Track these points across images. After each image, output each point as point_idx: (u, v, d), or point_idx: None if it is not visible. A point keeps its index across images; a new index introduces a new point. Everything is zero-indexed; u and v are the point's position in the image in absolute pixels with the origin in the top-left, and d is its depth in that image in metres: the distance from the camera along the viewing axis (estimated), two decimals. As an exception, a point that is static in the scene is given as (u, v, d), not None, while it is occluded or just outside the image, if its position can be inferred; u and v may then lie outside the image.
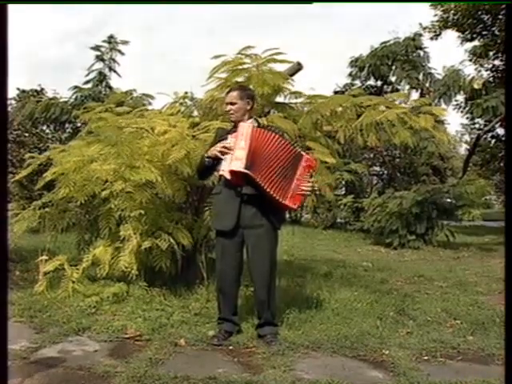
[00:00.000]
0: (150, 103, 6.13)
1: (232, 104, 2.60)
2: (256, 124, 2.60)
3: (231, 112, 2.61)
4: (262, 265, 2.52)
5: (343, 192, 12.01)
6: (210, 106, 3.69)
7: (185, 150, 3.00)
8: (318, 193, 3.69)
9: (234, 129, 2.55)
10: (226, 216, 2.49)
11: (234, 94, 2.62)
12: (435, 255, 7.35)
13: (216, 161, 2.53)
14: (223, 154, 2.47)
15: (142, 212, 3.17)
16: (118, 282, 3.32)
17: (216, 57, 3.71)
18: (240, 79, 3.60)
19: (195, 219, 3.68)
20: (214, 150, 2.50)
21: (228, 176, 2.41)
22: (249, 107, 2.63)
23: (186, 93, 4.21)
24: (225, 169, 2.43)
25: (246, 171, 2.36)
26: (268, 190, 2.37)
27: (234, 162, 2.37)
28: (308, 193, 2.46)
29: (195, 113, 4.07)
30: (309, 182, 2.48)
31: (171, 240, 3.20)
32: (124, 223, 3.28)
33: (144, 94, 5.86)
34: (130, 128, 3.31)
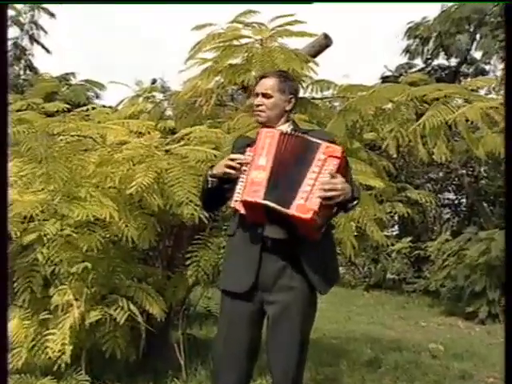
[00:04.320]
0: (97, 96, 6.29)
1: (265, 96, 2.64)
2: (290, 130, 2.63)
3: (261, 109, 2.65)
4: (287, 353, 2.51)
5: (396, 232, 12.06)
6: (193, 103, 3.85)
7: (154, 172, 3.12)
8: (356, 234, 3.78)
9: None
10: (239, 270, 2.53)
11: (272, 81, 2.66)
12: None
13: (227, 183, 2.58)
14: (235, 170, 2.49)
15: (89, 265, 3.26)
16: (44, 375, 3.37)
17: (199, 27, 3.90)
18: (235, 60, 3.81)
19: (169, 275, 3.79)
20: (223, 166, 2.55)
21: (241, 209, 2.46)
22: (289, 107, 2.68)
23: (155, 81, 4.37)
24: (238, 198, 2.46)
25: (266, 202, 2.38)
26: (267, 203, 2.36)
27: (248, 188, 2.42)
28: (328, 194, 2.35)
29: (169, 112, 4.22)
30: (330, 181, 2.37)
31: (132, 307, 3.28)
32: (57, 283, 3.37)
33: (89, 82, 6.00)
34: (68, 136, 3.44)
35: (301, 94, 3.95)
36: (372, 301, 10.05)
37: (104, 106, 4.83)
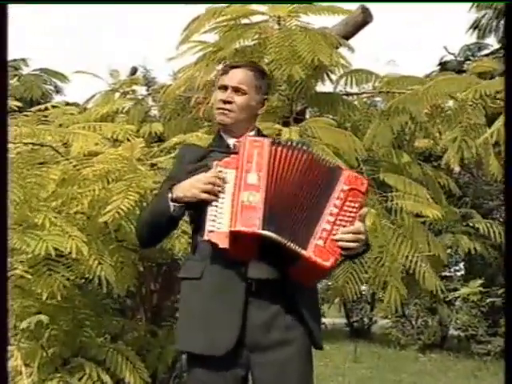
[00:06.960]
0: (58, 91, 6.36)
1: (237, 92, 2.66)
2: (267, 138, 2.65)
3: (230, 108, 2.66)
4: None
5: (461, 272, 11.99)
6: (187, 99, 3.90)
7: (136, 194, 3.13)
8: (404, 273, 3.75)
9: (219, 147, 2.66)
10: (214, 325, 2.50)
11: (247, 74, 2.69)
12: None
13: (194, 209, 2.59)
14: (211, 195, 2.47)
15: (45, 319, 3.25)
16: None
17: (195, 0, 3.93)
18: (244, 44, 3.84)
19: (154, 331, 3.80)
20: (194, 188, 2.52)
21: (223, 244, 2.45)
22: (261, 111, 2.75)
23: (135, 71, 4.38)
24: (214, 228, 2.48)
25: (266, 233, 2.41)
26: (283, 241, 2.38)
27: (240, 214, 2.43)
28: (351, 244, 2.42)
29: (155, 112, 4.27)
30: (353, 219, 2.45)
31: (103, 376, 3.28)
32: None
33: (46, 71, 6.03)
34: (20, 145, 3.47)
35: (330, 89, 4.00)
36: (429, 366, 9.97)
37: (68, 104, 4.85)
